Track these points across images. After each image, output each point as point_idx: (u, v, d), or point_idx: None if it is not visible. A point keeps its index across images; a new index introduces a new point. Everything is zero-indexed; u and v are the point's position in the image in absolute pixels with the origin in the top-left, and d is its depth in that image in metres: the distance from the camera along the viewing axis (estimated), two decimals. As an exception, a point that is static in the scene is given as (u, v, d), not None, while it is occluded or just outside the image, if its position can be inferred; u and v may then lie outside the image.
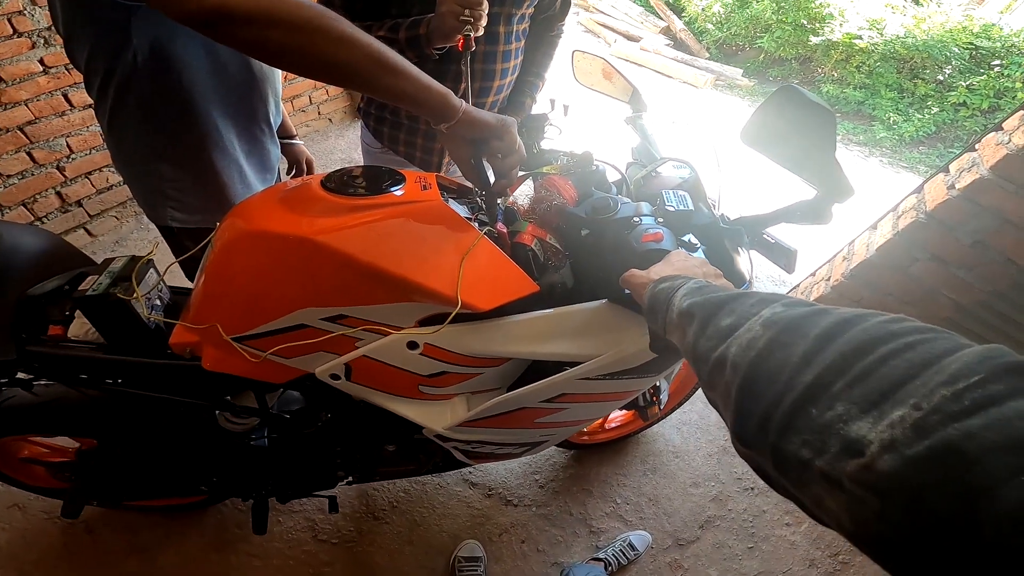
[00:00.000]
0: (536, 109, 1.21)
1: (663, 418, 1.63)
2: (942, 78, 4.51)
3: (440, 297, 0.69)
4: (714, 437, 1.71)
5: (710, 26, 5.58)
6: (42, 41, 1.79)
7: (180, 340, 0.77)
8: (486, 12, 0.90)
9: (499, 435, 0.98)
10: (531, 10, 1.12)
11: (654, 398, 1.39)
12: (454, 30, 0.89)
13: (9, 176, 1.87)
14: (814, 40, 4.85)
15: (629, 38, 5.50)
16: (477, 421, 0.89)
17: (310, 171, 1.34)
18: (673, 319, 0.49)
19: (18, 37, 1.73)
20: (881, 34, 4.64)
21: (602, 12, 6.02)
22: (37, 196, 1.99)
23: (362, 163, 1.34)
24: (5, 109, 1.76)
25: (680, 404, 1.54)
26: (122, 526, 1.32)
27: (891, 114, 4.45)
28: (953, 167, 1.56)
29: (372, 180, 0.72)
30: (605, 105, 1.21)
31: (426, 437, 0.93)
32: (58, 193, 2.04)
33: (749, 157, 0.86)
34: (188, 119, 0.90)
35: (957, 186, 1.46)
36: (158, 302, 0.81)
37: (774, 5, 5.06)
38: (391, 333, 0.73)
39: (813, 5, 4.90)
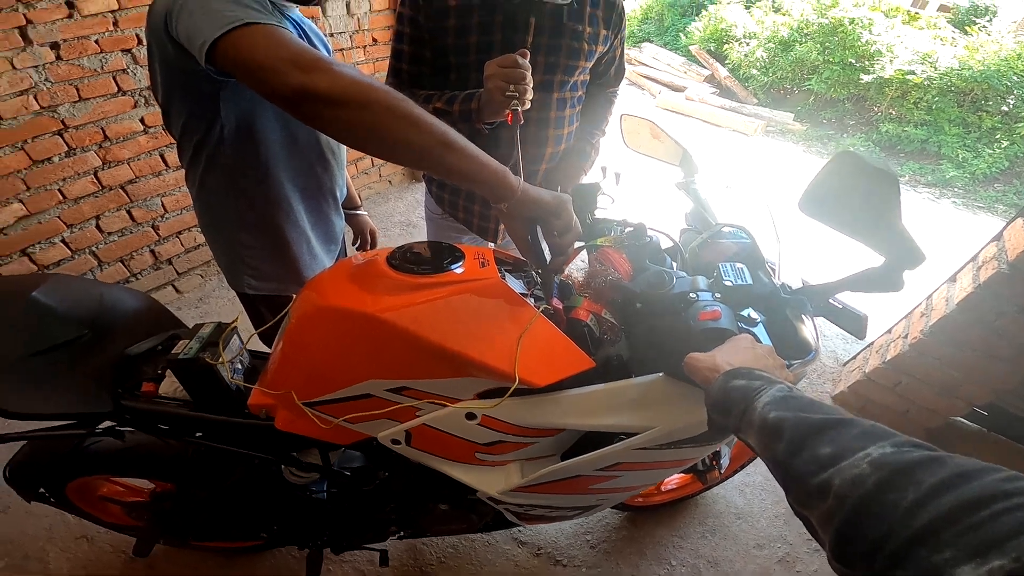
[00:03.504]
0: (588, 178, 1.22)
1: (723, 481, 1.55)
2: (1007, 109, 4.25)
3: (499, 373, 0.71)
4: (781, 498, 1.60)
5: (755, 71, 5.53)
6: (143, 100, 1.89)
7: (257, 402, 0.83)
8: (531, 86, 0.92)
9: (552, 500, 0.97)
10: (584, 76, 1.15)
11: (714, 462, 1.33)
12: (502, 105, 0.92)
13: (111, 233, 2.01)
14: (865, 78, 4.71)
15: (673, 88, 5.54)
16: (531, 487, 0.89)
17: (374, 242, 1.41)
18: (753, 424, 0.50)
19: (122, 95, 1.83)
20: (935, 67, 4.47)
21: (644, 64, 6.15)
22: (134, 253, 2.11)
23: (421, 225, 1.41)
24: (110, 167, 1.89)
25: (742, 467, 1.46)
26: (182, 564, 1.38)
27: (959, 151, 4.21)
28: (1034, 213, 1.45)
29: (434, 257, 0.77)
30: (656, 170, 1.22)
31: (479, 498, 0.94)
32: (152, 251, 2.17)
33: (808, 220, 0.85)
34: (264, 190, 0.99)
35: (1040, 234, 1.35)
36: (239, 366, 0.88)
37: (819, 46, 4.99)
38: (451, 405, 0.75)
39: (859, 43, 4.79)
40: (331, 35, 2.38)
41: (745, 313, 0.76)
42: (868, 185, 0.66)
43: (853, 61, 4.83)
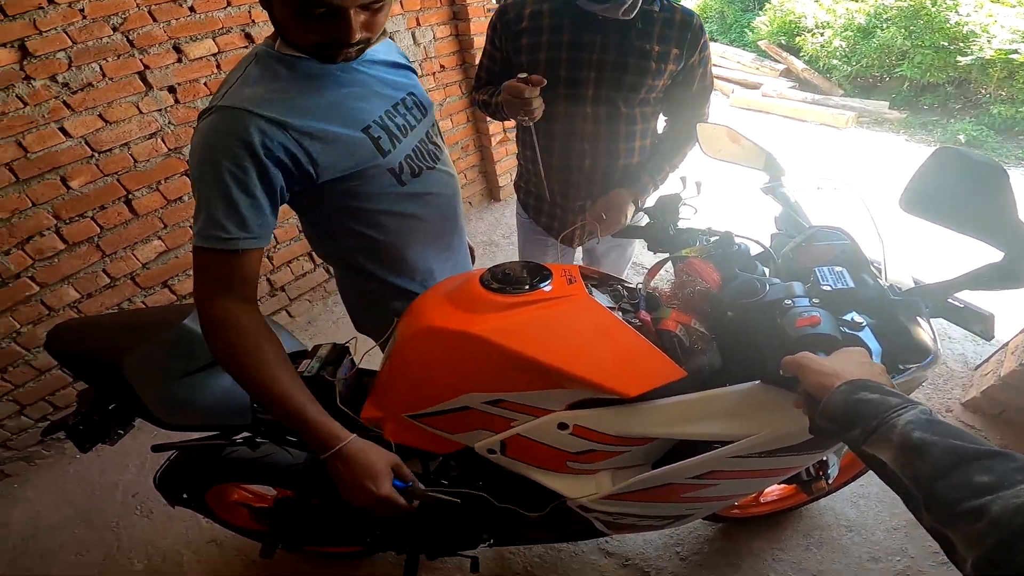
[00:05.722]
0: (668, 189, 1.20)
1: (831, 492, 1.45)
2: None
3: (590, 384, 0.74)
4: (901, 510, 1.45)
5: (835, 61, 5.12)
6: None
7: (368, 415, 0.92)
8: (536, 107, 1.03)
9: (642, 508, 0.97)
10: (655, 94, 1.15)
11: (820, 472, 1.25)
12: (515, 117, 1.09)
13: None
14: (963, 60, 4.20)
15: (747, 86, 5.27)
16: (621, 495, 0.90)
17: (472, 258, 1.38)
18: (889, 440, 0.50)
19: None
20: (1039, 46, 3.86)
21: (712, 64, 5.91)
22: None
23: (503, 244, 1.45)
24: None
25: (855, 478, 1.37)
26: (294, 568, 1.50)
27: (1084, 130, 3.62)
28: None
29: (524, 276, 0.81)
30: (740, 174, 1.18)
31: (569, 507, 0.96)
32: (268, 280, 2.34)
33: (913, 217, 0.79)
34: (370, 284, 1.04)
35: None
36: (350, 382, 0.97)
37: (903, 31, 4.53)
38: (544, 415, 0.79)
39: (948, 26, 4.29)
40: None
41: (848, 317, 0.73)
42: (973, 180, 0.62)
43: (945, 44, 4.34)
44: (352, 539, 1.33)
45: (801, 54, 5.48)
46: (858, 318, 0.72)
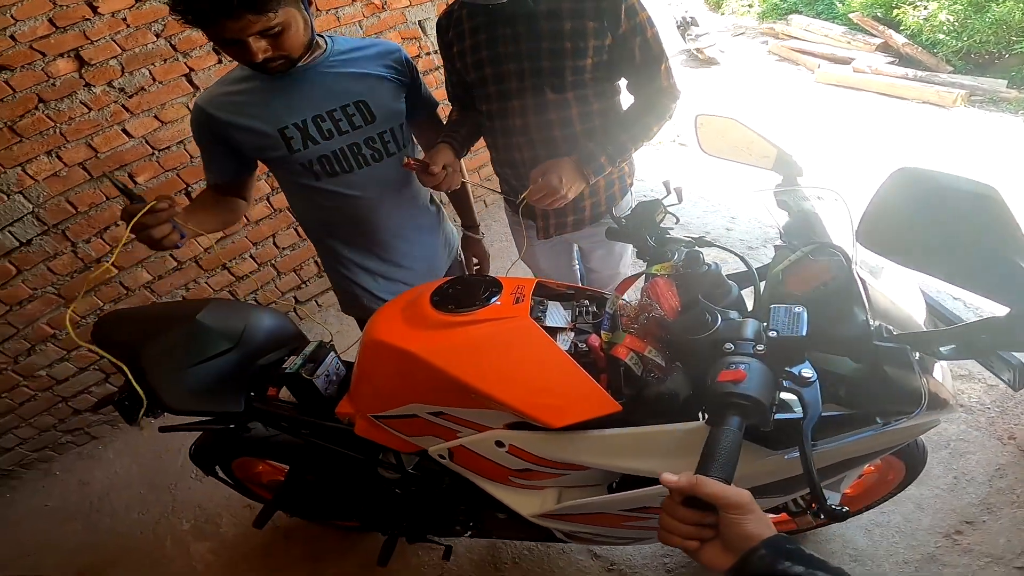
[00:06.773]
0: (648, 195, 1.08)
1: (831, 523, 1.33)
2: None
3: (514, 411, 0.74)
4: (920, 543, 1.31)
5: (942, 36, 4.46)
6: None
7: (342, 410, 0.99)
8: (438, 183, 1.11)
9: (588, 528, 0.97)
10: (584, 76, 1.07)
11: (814, 505, 1.15)
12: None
13: (284, 248, 2.36)
14: None
15: (835, 61, 4.75)
16: (564, 515, 0.89)
17: (483, 266, 1.46)
18: None
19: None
20: None
21: (795, 37, 5.39)
22: (302, 264, 2.43)
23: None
24: (276, 192, 2.22)
25: (867, 508, 1.27)
26: (310, 537, 1.64)
27: None
28: None
29: (471, 294, 0.82)
30: (750, 173, 1.04)
31: (526, 514, 0.97)
32: (315, 262, 2.44)
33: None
34: (324, 252, 1.30)
35: None
36: (335, 377, 1.05)
37: (1022, 5, 3.82)
38: (480, 432, 0.81)
39: None
40: (435, 51, 2.48)
41: (797, 371, 0.64)
42: (955, 211, 0.50)
43: (1072, 21, 3.62)
44: (342, 515, 1.43)
45: (902, 28, 4.79)
46: (807, 372, 0.64)
